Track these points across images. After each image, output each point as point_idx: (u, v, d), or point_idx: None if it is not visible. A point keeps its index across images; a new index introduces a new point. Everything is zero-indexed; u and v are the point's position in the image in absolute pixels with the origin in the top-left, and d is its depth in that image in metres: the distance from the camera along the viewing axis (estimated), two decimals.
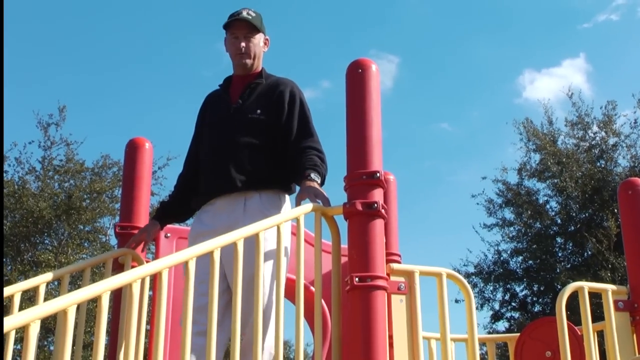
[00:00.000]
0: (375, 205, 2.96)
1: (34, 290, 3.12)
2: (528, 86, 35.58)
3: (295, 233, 2.95)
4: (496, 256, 19.23)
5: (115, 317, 3.48)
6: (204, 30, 33.82)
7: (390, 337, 2.95)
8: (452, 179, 39.37)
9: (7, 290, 2.96)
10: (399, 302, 3.04)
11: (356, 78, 3.19)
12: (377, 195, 3.01)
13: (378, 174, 3.01)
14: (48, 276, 3.21)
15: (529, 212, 18.66)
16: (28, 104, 25.89)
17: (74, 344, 2.66)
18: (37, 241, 16.73)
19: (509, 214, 19.44)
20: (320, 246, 3.04)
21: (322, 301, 3.44)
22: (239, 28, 3.49)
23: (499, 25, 35.89)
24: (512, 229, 19.28)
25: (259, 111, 3.42)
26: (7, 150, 16.77)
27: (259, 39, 3.54)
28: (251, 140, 3.37)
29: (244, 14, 3.49)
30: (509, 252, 19.19)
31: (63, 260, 15.58)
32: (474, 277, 19.10)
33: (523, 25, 34.81)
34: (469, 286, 3.26)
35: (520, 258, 19.18)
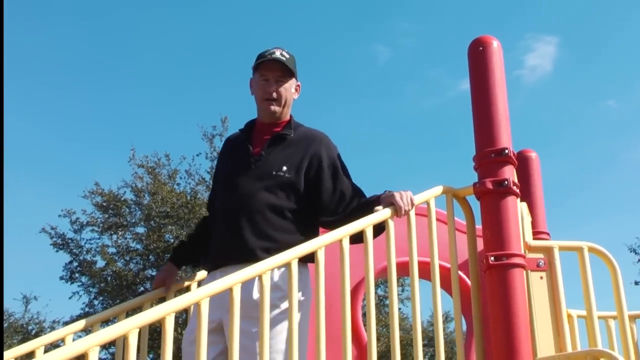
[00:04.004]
0: (506, 182, 2.92)
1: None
2: None
3: (425, 215, 2.96)
4: None
5: None
6: (358, 30, 34.06)
7: None
8: (625, 156, 37.21)
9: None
10: (538, 279, 2.97)
11: (478, 56, 3.15)
12: (508, 172, 2.96)
13: (507, 151, 2.96)
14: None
15: None
16: (193, 118, 27.22)
17: None
18: None
19: None
20: (454, 229, 3.03)
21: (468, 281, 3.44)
22: (271, 70, 3.04)
23: None
24: None
25: (284, 168, 2.95)
26: (178, 164, 17.82)
27: (291, 85, 3.08)
28: (273, 201, 2.90)
29: (278, 54, 3.04)
30: None
31: None
32: None
33: None
34: (614, 260, 3.13)
35: None
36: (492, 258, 2.83)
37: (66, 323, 16.89)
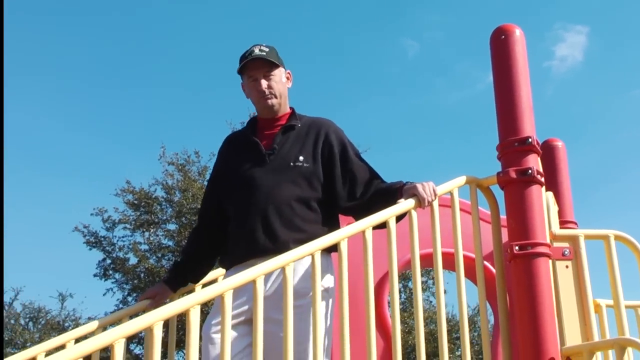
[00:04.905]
0: (530, 171, 2.90)
1: None
2: None
3: (450, 206, 2.96)
4: None
5: None
6: (387, 24, 33.86)
7: None
8: None
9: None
10: (564, 269, 2.95)
11: (500, 45, 3.13)
12: (532, 161, 2.95)
13: (530, 139, 2.94)
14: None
15: None
16: (221, 114, 27.33)
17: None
18: None
19: None
20: (478, 218, 3.02)
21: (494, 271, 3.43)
22: (256, 68, 3.02)
23: None
24: None
25: (301, 158, 2.95)
26: (207, 161, 17.90)
27: (280, 76, 3.07)
28: (298, 193, 2.90)
29: (257, 51, 3.02)
30: None
31: None
32: None
33: None
34: None
35: None
36: (517, 247, 2.81)
37: None
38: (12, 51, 28.08)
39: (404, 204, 2.76)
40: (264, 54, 3.02)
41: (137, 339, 16.00)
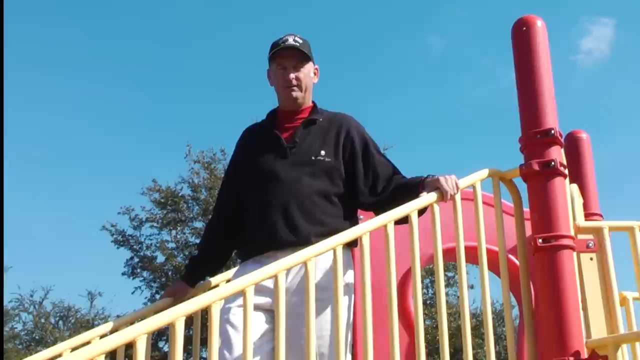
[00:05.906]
0: (553, 163, 2.87)
1: None
2: None
3: (472, 199, 2.94)
4: None
5: None
6: (411, 20, 33.69)
7: None
8: None
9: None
10: (589, 261, 2.92)
11: (521, 36, 3.10)
12: (555, 153, 2.92)
13: (553, 131, 2.92)
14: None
15: None
16: (246, 112, 27.50)
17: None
18: None
19: None
20: (501, 211, 3.00)
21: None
22: (287, 57, 3.00)
23: None
24: None
25: (323, 153, 2.94)
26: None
27: (309, 69, 3.04)
28: (319, 187, 2.89)
29: (291, 40, 3.00)
30: None
31: None
32: None
33: None
34: None
35: None
36: (540, 240, 2.79)
37: None
38: (40, 54, 28.43)
39: (426, 198, 2.75)
40: (298, 44, 3.00)
41: (166, 337, 16.13)
